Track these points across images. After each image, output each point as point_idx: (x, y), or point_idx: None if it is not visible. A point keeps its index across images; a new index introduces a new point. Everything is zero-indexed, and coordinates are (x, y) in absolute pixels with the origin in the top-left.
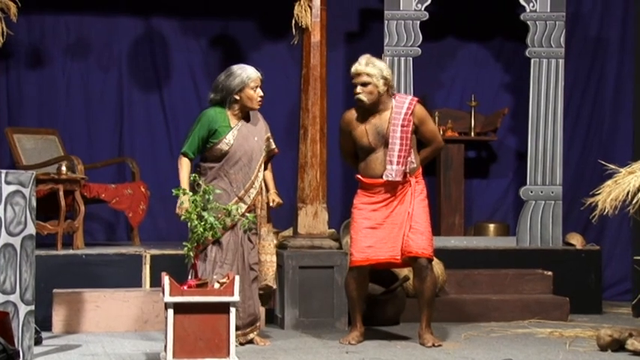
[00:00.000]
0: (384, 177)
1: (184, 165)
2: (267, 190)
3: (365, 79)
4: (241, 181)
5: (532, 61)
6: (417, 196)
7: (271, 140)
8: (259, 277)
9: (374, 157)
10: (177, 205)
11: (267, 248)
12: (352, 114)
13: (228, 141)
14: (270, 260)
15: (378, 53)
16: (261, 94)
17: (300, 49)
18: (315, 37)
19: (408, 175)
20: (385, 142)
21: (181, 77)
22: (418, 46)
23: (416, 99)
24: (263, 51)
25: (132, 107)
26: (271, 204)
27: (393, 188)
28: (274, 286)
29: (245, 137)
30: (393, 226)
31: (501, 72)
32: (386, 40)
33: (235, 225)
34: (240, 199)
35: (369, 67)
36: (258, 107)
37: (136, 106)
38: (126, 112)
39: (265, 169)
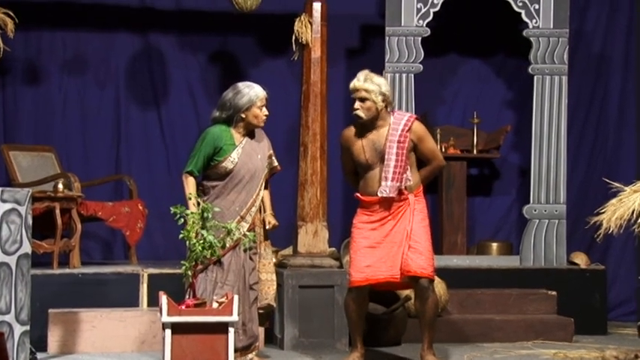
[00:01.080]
0: (378, 193)
1: (190, 184)
2: (264, 211)
3: (363, 94)
4: (244, 199)
5: (535, 77)
6: (416, 214)
7: (273, 158)
8: (259, 297)
9: (371, 174)
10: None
11: (267, 267)
12: (351, 131)
13: (233, 159)
14: (270, 279)
15: (379, 69)
16: (267, 112)
17: (301, 65)
18: (316, 53)
19: (405, 192)
20: (382, 159)
21: (179, 94)
22: (420, 63)
23: (414, 116)
24: (262, 67)
25: (129, 124)
26: (267, 226)
27: (390, 206)
28: (275, 305)
29: (249, 155)
30: (391, 245)
31: (504, 89)
32: (387, 57)
33: (237, 245)
34: (242, 218)
35: (367, 83)
36: (262, 125)
37: (133, 123)
38: (123, 129)
39: (265, 188)
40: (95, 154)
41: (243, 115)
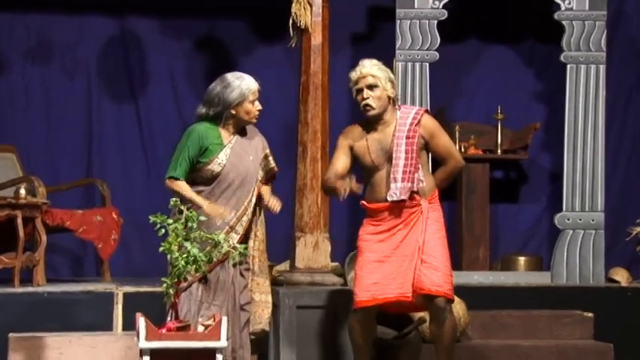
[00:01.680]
0: (387, 197)
1: (183, 186)
2: (259, 214)
3: (371, 81)
4: (234, 206)
5: (568, 67)
6: (430, 224)
7: (270, 158)
8: (252, 320)
9: (378, 178)
10: (212, 211)
11: (261, 286)
12: (356, 128)
13: (220, 161)
14: (265, 300)
15: (389, 58)
16: (260, 107)
17: (299, 52)
18: (316, 39)
19: (417, 197)
20: (389, 159)
21: (160, 86)
22: (435, 50)
23: (423, 109)
24: (255, 55)
25: (102, 120)
26: (266, 202)
27: (400, 213)
28: (268, 330)
29: (239, 156)
30: (402, 259)
31: (533, 80)
32: (398, 43)
33: (225, 259)
34: (232, 229)
35: (374, 69)
36: (255, 122)
37: (106, 119)
38: (95, 126)
39: (266, 184)
40: (63, 154)
41: (233, 112)
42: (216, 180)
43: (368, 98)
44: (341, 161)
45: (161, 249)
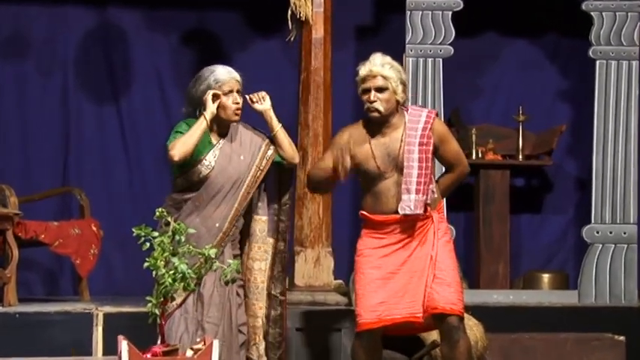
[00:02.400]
0: (399, 211)
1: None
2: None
3: (381, 82)
4: (224, 214)
5: (597, 63)
6: (440, 236)
7: (269, 152)
8: (247, 344)
9: (383, 187)
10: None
11: (257, 310)
12: (354, 129)
13: (209, 163)
14: (259, 324)
15: (399, 53)
16: (238, 101)
17: (298, 47)
18: (318, 32)
19: (428, 209)
20: (398, 167)
21: (145, 84)
22: (449, 44)
23: (434, 111)
24: (250, 50)
25: (80, 122)
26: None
27: (411, 226)
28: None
29: (228, 158)
30: (411, 275)
31: (557, 77)
32: (408, 37)
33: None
34: (226, 235)
35: (386, 69)
36: (236, 119)
37: (85, 121)
38: (73, 129)
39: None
40: (37, 160)
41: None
42: (204, 185)
43: (375, 101)
44: (332, 160)
45: (146, 265)
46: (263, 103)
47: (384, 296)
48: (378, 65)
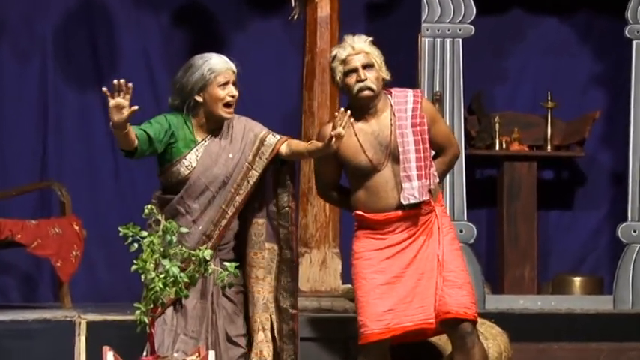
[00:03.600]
0: (403, 201)
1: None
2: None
3: (366, 59)
4: (210, 219)
5: (634, 43)
6: (446, 232)
7: (270, 136)
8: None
9: (379, 182)
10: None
11: (264, 323)
12: (332, 126)
13: (189, 163)
14: (264, 339)
15: (413, 33)
16: (234, 93)
17: (302, 27)
18: (323, 10)
19: (431, 202)
20: (392, 156)
21: (132, 68)
22: (470, 23)
23: (420, 90)
24: (249, 31)
25: (61, 111)
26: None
27: (414, 223)
28: None
29: (214, 157)
30: (418, 277)
31: (590, 59)
32: (424, 15)
33: (207, 275)
34: (209, 238)
35: (367, 45)
36: (228, 116)
37: (67, 110)
38: (52, 118)
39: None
40: (12, 153)
41: (198, 99)
42: (185, 186)
43: (366, 79)
44: (331, 174)
45: (133, 268)
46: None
47: (391, 303)
48: (360, 42)
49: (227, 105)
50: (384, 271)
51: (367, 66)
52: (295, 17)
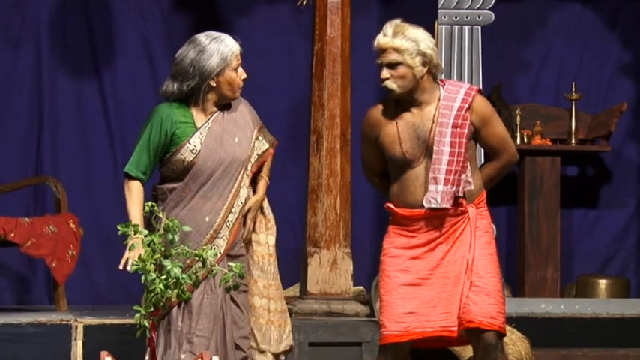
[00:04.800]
0: (424, 204)
1: (133, 191)
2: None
3: (393, 57)
4: (214, 206)
5: None
6: (479, 235)
7: (263, 134)
8: (271, 339)
9: (411, 176)
10: (127, 251)
11: (272, 291)
12: (380, 110)
13: (193, 147)
14: (280, 309)
15: (429, 20)
16: (245, 75)
17: (311, 13)
18: None
19: (463, 202)
20: (428, 152)
21: (131, 56)
22: (489, 9)
23: (475, 88)
24: (254, 16)
25: (56, 101)
26: (247, 224)
27: (441, 222)
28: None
29: (219, 140)
30: (445, 282)
31: (617, 48)
32: (441, 1)
33: (210, 276)
34: (216, 234)
35: (397, 39)
36: (238, 96)
37: (62, 100)
38: (47, 109)
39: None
40: (5, 146)
41: (213, 83)
42: (190, 172)
43: (388, 78)
44: (374, 158)
45: (133, 268)
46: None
47: (413, 306)
48: (389, 36)
49: (239, 88)
50: (409, 270)
51: (392, 64)
52: (304, 3)
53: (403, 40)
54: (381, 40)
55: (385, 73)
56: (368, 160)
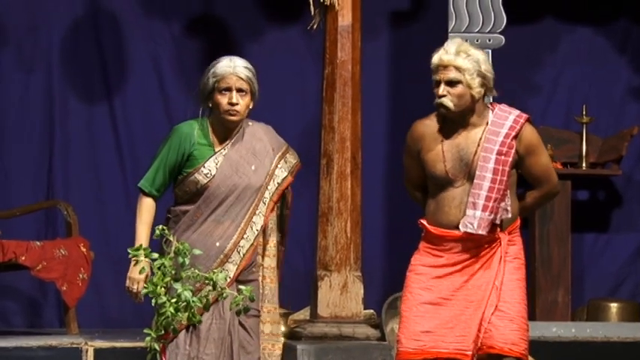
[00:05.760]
0: (460, 227)
1: (144, 208)
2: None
3: (453, 75)
4: (226, 231)
5: None
6: (509, 261)
7: (285, 159)
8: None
9: (449, 195)
10: (129, 273)
11: (272, 315)
12: (426, 125)
13: (208, 171)
14: (275, 333)
15: (440, 42)
16: (233, 101)
17: (322, 37)
18: (345, 18)
19: (498, 230)
20: (469, 175)
21: (142, 80)
22: (500, 32)
23: (525, 116)
24: (265, 40)
25: (67, 124)
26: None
27: (475, 247)
28: None
29: (234, 166)
30: (466, 305)
31: (628, 71)
32: (451, 24)
33: (220, 299)
34: (227, 257)
35: (460, 58)
36: (232, 119)
37: (73, 124)
38: (58, 132)
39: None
40: (16, 169)
41: (210, 104)
42: (203, 195)
43: (445, 96)
44: (415, 172)
45: (144, 292)
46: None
47: (432, 325)
48: (452, 54)
49: (228, 113)
50: (432, 289)
51: (452, 82)
52: (315, 26)
53: (466, 59)
54: (444, 56)
55: (443, 90)
56: (409, 172)
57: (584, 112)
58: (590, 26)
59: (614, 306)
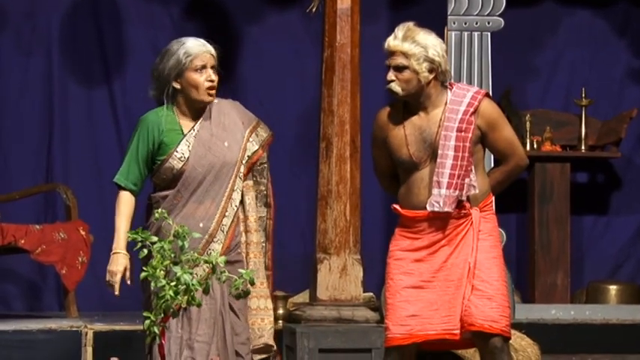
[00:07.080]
0: (427, 207)
1: (122, 202)
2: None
3: (400, 60)
4: (207, 211)
5: None
6: (483, 239)
7: (256, 133)
8: (251, 336)
9: (417, 178)
10: (109, 267)
11: (258, 289)
12: (388, 113)
13: (181, 155)
14: (264, 307)
15: (439, 26)
16: (213, 77)
17: (321, 20)
18: (344, 1)
19: (467, 205)
20: (434, 155)
21: (141, 64)
22: (499, 15)
23: (483, 91)
24: (264, 24)
25: (67, 109)
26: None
27: (444, 225)
28: (275, 347)
29: (207, 145)
30: (448, 284)
31: (627, 54)
32: (450, 7)
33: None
34: (212, 238)
35: (407, 43)
36: (210, 99)
37: (72, 108)
38: (58, 117)
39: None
40: (16, 153)
41: (176, 86)
42: (181, 179)
43: (392, 81)
44: (384, 161)
45: (143, 275)
46: None
47: (416, 309)
48: (399, 39)
49: (208, 91)
50: (413, 273)
51: (399, 67)
52: (314, 9)
53: (412, 44)
54: (391, 42)
55: (391, 75)
56: (378, 162)
57: (583, 95)
58: (590, 9)
59: (613, 288)
